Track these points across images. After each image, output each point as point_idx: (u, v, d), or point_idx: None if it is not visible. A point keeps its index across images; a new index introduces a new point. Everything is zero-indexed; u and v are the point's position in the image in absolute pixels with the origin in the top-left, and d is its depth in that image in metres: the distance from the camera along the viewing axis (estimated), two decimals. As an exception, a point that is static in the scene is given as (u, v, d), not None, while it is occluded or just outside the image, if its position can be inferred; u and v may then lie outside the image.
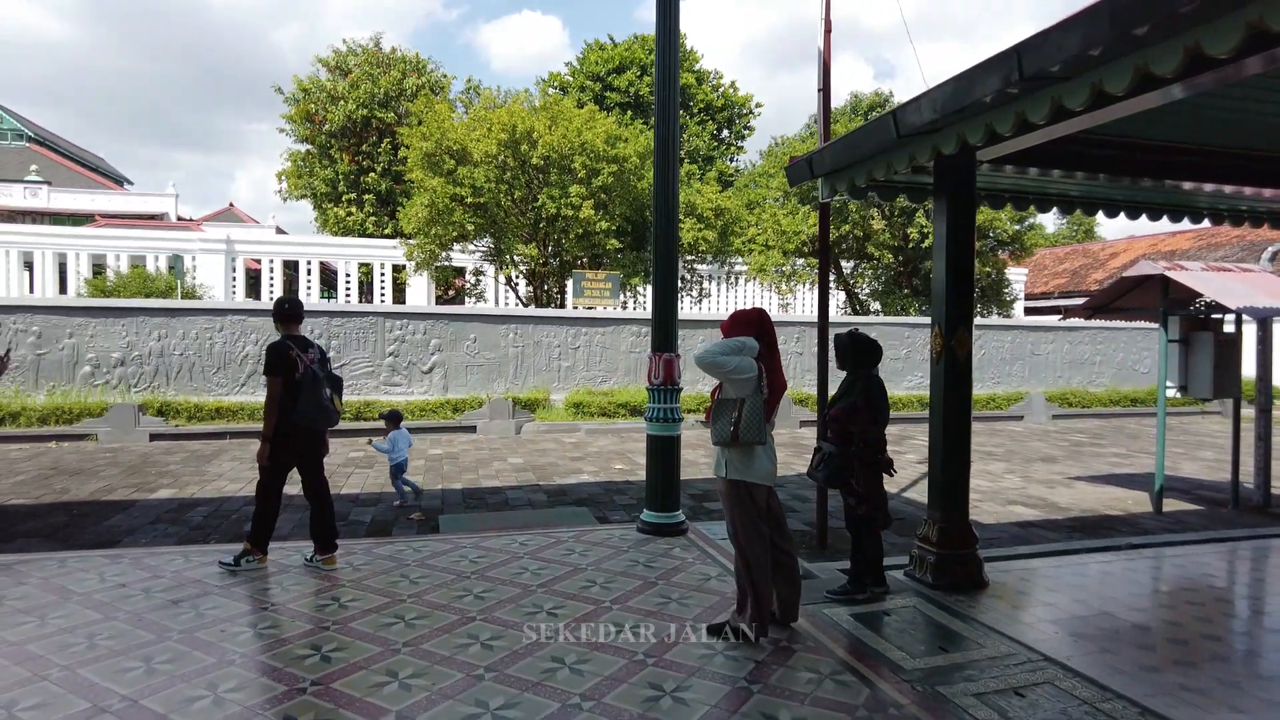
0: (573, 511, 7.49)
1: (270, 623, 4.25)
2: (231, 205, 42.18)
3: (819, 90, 6.50)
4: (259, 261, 24.46)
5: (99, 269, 22.79)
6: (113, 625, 4.19)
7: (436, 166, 16.45)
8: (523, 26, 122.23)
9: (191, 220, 36.86)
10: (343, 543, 5.98)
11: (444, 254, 17.78)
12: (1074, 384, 19.78)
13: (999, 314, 22.47)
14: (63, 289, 23.04)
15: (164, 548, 6.04)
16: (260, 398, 14.01)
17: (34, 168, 38.19)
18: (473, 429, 13.63)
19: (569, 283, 20.89)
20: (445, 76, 27.41)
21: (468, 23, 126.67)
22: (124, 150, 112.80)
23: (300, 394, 5.16)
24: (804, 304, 24.15)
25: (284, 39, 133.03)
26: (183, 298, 18.41)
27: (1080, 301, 25.23)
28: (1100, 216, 26.94)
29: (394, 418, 8.21)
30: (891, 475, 4.75)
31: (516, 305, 20.98)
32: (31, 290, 23.44)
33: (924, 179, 5.61)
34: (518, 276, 18.93)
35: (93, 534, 6.72)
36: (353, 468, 10.14)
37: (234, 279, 22.91)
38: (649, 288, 22.28)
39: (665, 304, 6.25)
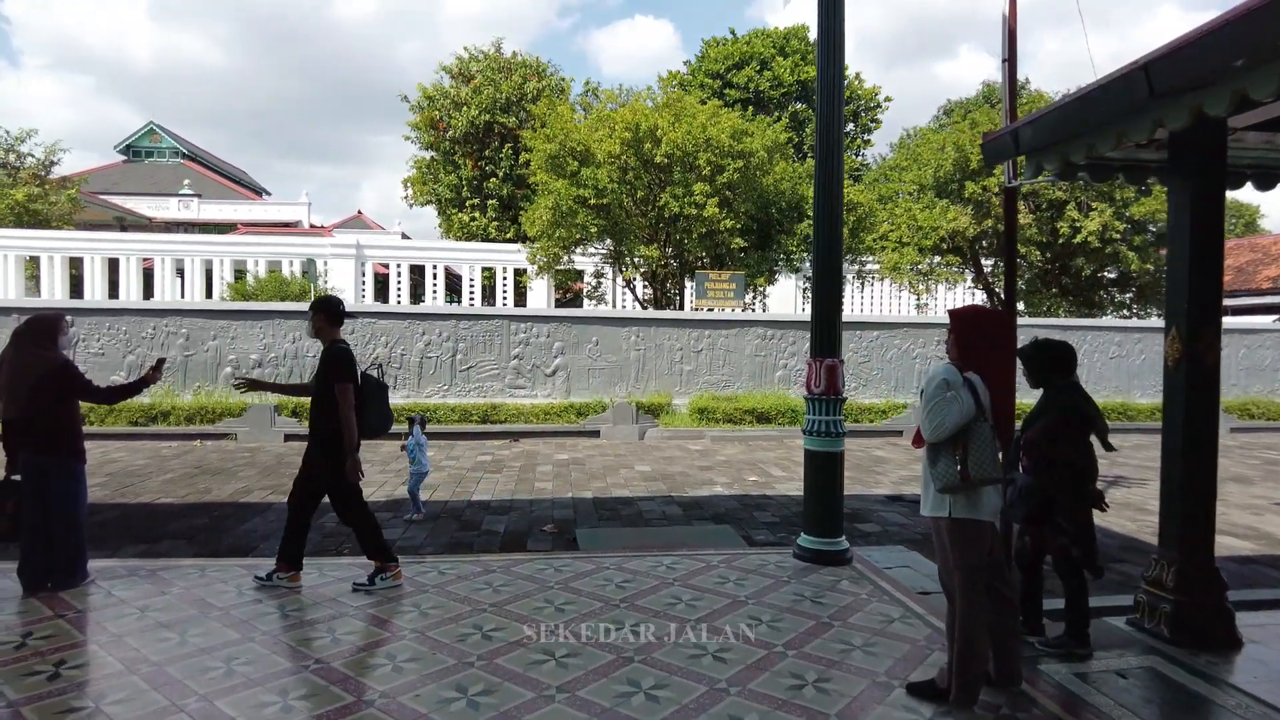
0: (716, 531, 6.93)
1: (410, 655, 3.88)
2: (360, 213, 43.94)
3: (1003, 61, 5.68)
4: (386, 266, 25.16)
5: (240, 274, 23.96)
6: (250, 649, 3.92)
7: (560, 168, 16.27)
8: (634, 31, 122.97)
9: (323, 227, 38.58)
10: (481, 558, 5.64)
11: (566, 257, 17.61)
12: (1253, 393, 17.71)
13: (1158, 314, 20.48)
14: (209, 293, 24.36)
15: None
16: (391, 400, 14.15)
17: (186, 182, 40.95)
18: (596, 434, 13.30)
19: (690, 284, 20.41)
20: (565, 79, 27.49)
21: (580, 30, 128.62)
22: (264, 164, 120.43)
23: (368, 402, 4.78)
24: (942, 305, 22.74)
25: (406, 54, 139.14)
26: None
27: (1254, 300, 22.71)
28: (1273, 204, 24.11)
29: (423, 423, 7.84)
30: (1104, 510, 3.96)
31: (635, 307, 20.65)
32: (182, 295, 24.92)
33: (1146, 156, 4.76)
34: (637, 278, 18.57)
35: (231, 539, 6.66)
36: (481, 472, 9.94)
37: (363, 282, 23.61)
38: (774, 288, 21.53)
39: (827, 302, 5.61)
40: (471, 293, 23.99)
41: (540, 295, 24.03)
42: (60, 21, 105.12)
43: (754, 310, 18.86)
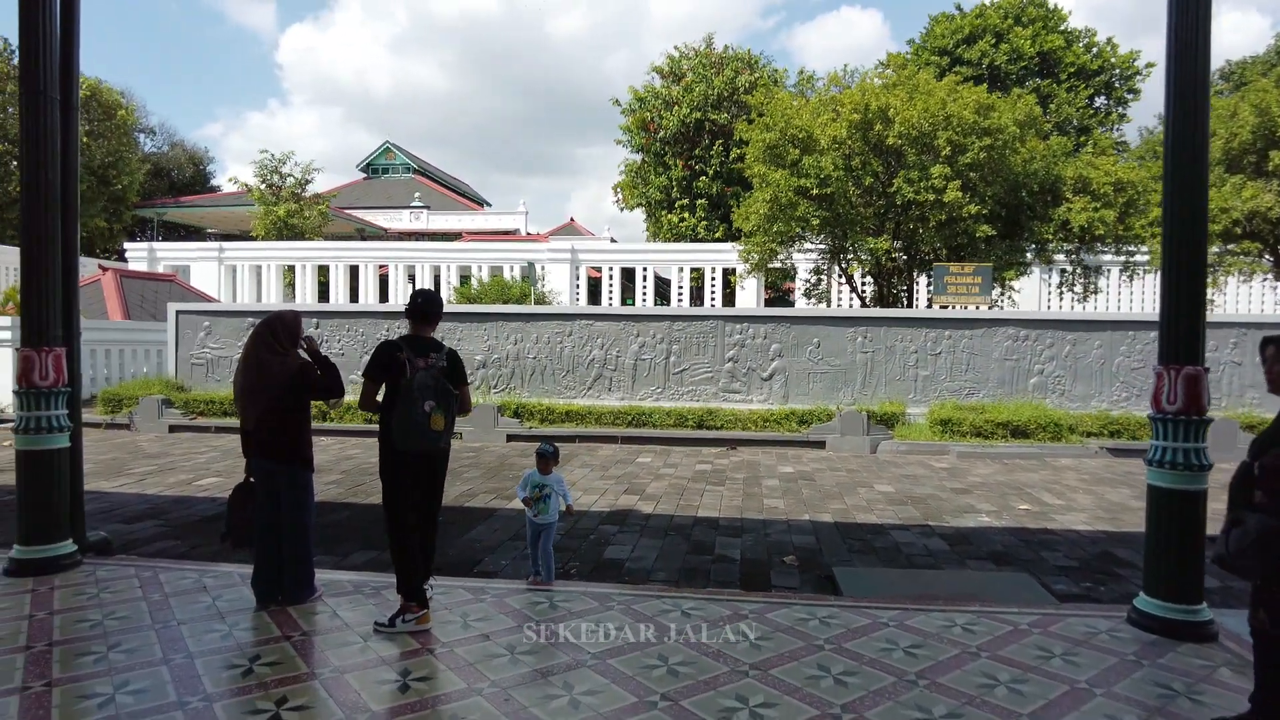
0: (1010, 579, 5.64)
1: (663, 731, 3.10)
2: (571, 220, 45.32)
3: None
4: (598, 270, 25.37)
5: (465, 278, 25.08)
6: (477, 703, 3.32)
7: (779, 158, 15.27)
8: (840, 23, 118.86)
9: (538, 235, 40.09)
10: (728, 597, 4.81)
11: (783, 253, 16.57)
12: None
13: None
14: (437, 297, 25.69)
15: (522, 586, 5.34)
16: (604, 402, 13.87)
17: (417, 195, 44.13)
18: (821, 444, 12.16)
19: (921, 279, 18.62)
20: (778, 70, 26.42)
21: (784, 28, 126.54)
22: (484, 178, 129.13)
23: (395, 405, 4.12)
24: (1233, 301, 19.26)
25: (613, 65, 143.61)
26: (535, 304, 19.28)
27: None
28: None
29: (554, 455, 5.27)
30: None
31: (854, 305, 19.18)
32: (414, 299, 26.49)
33: None
34: (862, 274, 17.13)
35: (455, 550, 6.31)
36: (703, 483, 9.17)
37: (577, 286, 23.88)
38: (1025, 281, 19.16)
39: (1186, 290, 4.23)
40: (680, 294, 23.56)
41: (749, 296, 23.12)
42: (318, 64, 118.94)
43: (1001, 307, 16.77)
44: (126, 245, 28.15)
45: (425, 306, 4.41)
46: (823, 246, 17.19)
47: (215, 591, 4.67)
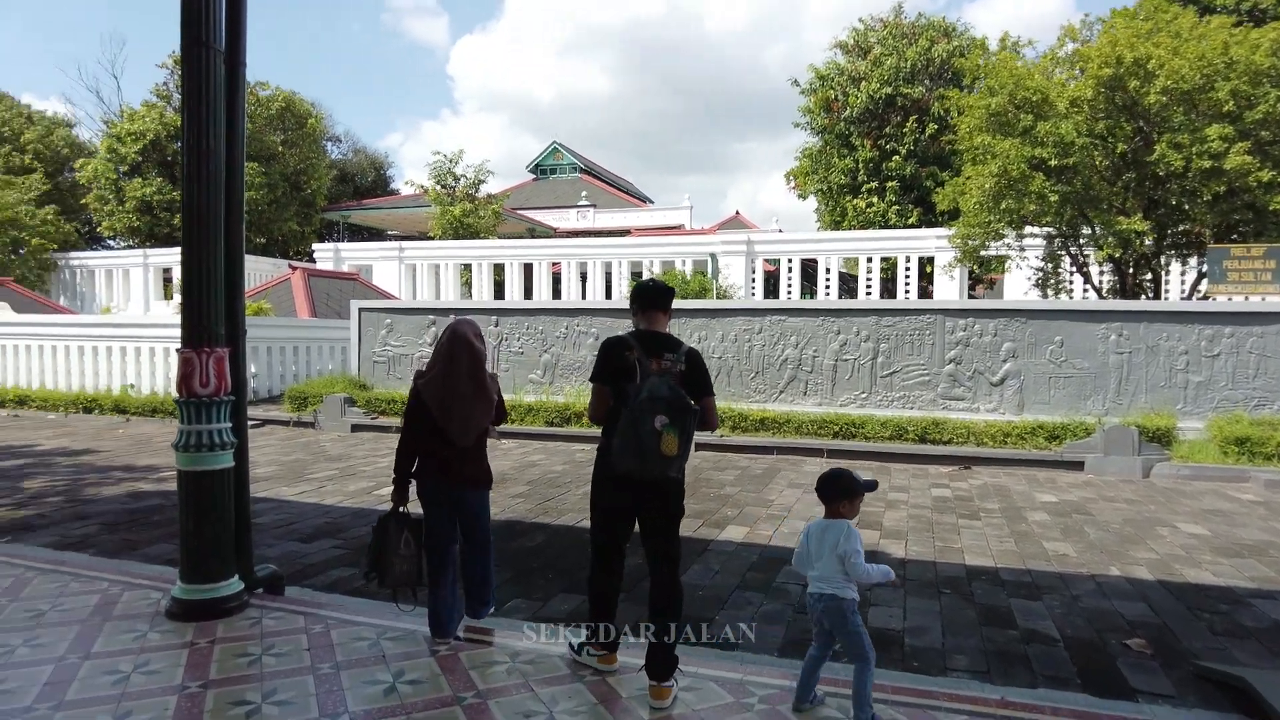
0: None
1: None
2: (737, 213, 43.79)
3: None
4: (772, 264, 23.80)
5: (636, 274, 24.25)
6: None
7: (1006, 126, 13.12)
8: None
9: (703, 229, 38.90)
10: (1094, 711, 3.25)
11: (1008, 236, 14.34)
12: None
13: None
14: (608, 294, 25.04)
15: (772, 661, 4.02)
16: (799, 407, 12.35)
17: (584, 194, 44.16)
18: (1077, 465, 10.06)
19: (1173, 265, 15.76)
20: (978, 38, 23.72)
21: (952, 6, 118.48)
22: (643, 178, 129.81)
23: (619, 419, 3.32)
24: None
25: (771, 58, 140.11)
26: (716, 298, 18.00)
27: None
28: None
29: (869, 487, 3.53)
30: None
31: (1091, 296, 16.52)
32: (583, 296, 26.02)
33: None
34: (1100, 261, 14.57)
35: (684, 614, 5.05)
36: (951, 515, 7.49)
37: (753, 279, 22.41)
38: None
39: None
40: (869, 287, 21.54)
41: (951, 288, 20.72)
42: (486, 73, 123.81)
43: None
44: (315, 246, 29.48)
45: (655, 291, 3.66)
46: (1051, 230, 14.78)
47: (393, 660, 3.64)
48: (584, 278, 25.62)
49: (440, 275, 27.34)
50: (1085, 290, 17.26)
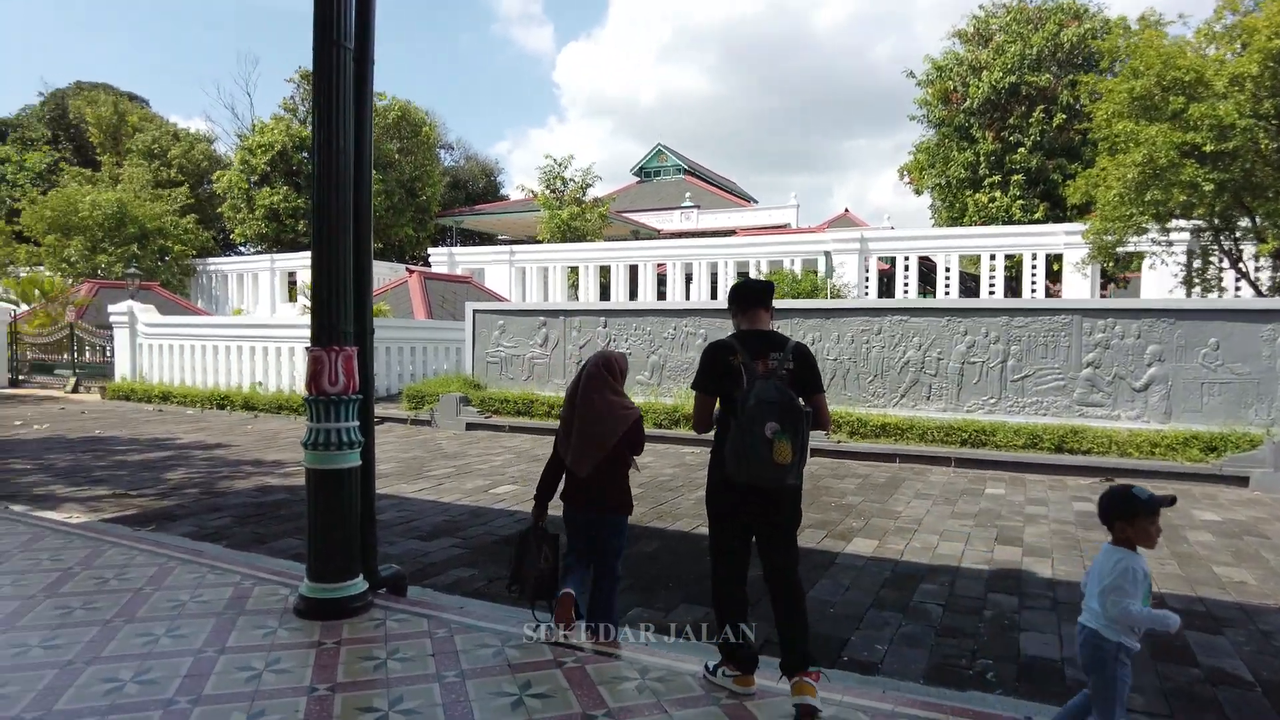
0: None
1: None
2: (846, 211, 42.62)
3: None
4: (887, 262, 22.96)
5: (743, 274, 23.85)
6: None
7: (1153, 110, 12.09)
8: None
9: (810, 228, 38.02)
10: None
11: (1153, 230, 13.24)
12: None
13: None
14: (713, 295, 24.74)
15: (919, 690, 3.68)
16: (923, 413, 11.74)
17: (688, 195, 43.97)
18: (1240, 481, 9.11)
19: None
20: (1113, 19, 22.15)
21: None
22: (745, 178, 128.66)
23: (731, 425, 3.17)
24: None
25: (879, 55, 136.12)
26: (830, 298, 17.45)
27: None
28: None
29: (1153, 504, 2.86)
30: None
31: (1241, 293, 15.11)
32: (687, 297, 25.81)
33: None
34: (1269, 252, 13.23)
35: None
36: (1099, 532, 6.84)
37: (866, 278, 21.65)
38: None
39: None
40: (991, 285, 20.45)
41: (1078, 286, 19.40)
42: (590, 79, 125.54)
43: None
44: (430, 250, 30.43)
45: (755, 289, 3.54)
46: (1200, 223, 13.55)
47: (519, 670, 3.51)
48: (689, 278, 25.41)
49: (548, 277, 27.71)
50: (1238, 287, 15.81)
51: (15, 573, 4.85)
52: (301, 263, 28.97)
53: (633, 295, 26.06)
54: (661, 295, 26.22)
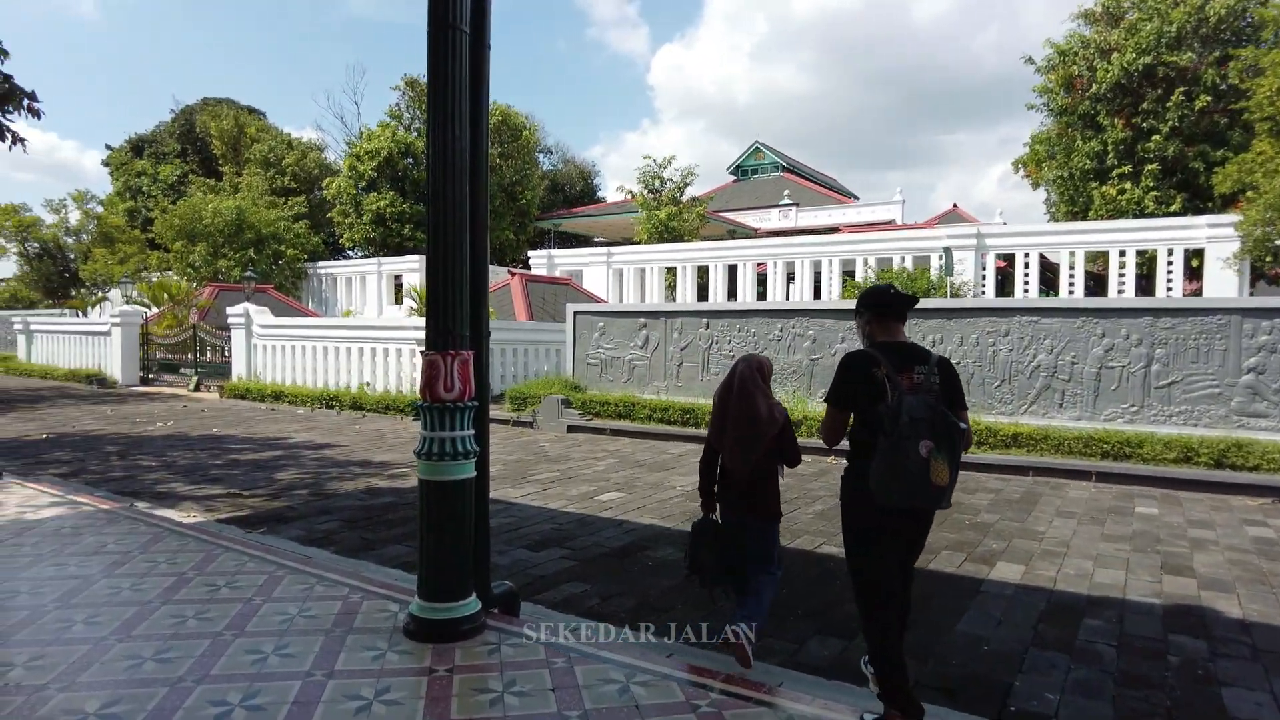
0: None
1: None
2: (955, 206, 40.80)
3: None
4: (1004, 260, 21.67)
5: (848, 273, 23.00)
6: None
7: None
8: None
9: (917, 224, 36.53)
10: None
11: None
12: None
13: None
14: (816, 294, 23.94)
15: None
16: (1054, 421, 10.83)
17: (786, 193, 43.01)
18: None
19: None
20: (1267, -11, 20.22)
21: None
22: (843, 176, 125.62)
23: (877, 443, 2.95)
24: None
25: (982, 45, 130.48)
26: (950, 296, 16.51)
27: None
28: None
29: None
30: None
31: None
32: (787, 297, 25.08)
33: None
34: None
35: (956, 653, 4.21)
36: (1258, 559, 5.98)
37: (983, 276, 20.47)
38: None
39: None
40: (1121, 284, 18.96)
41: (1226, 284, 17.73)
42: (685, 80, 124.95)
43: None
44: (529, 253, 30.69)
45: (898, 299, 3.34)
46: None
47: (648, 713, 3.15)
48: (791, 278, 24.69)
49: (646, 278, 27.48)
50: None
51: (135, 575, 4.83)
52: (407, 266, 29.72)
53: (731, 295, 25.54)
54: (761, 295, 25.58)
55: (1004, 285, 22.05)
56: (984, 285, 20.25)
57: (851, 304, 13.53)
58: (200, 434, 12.34)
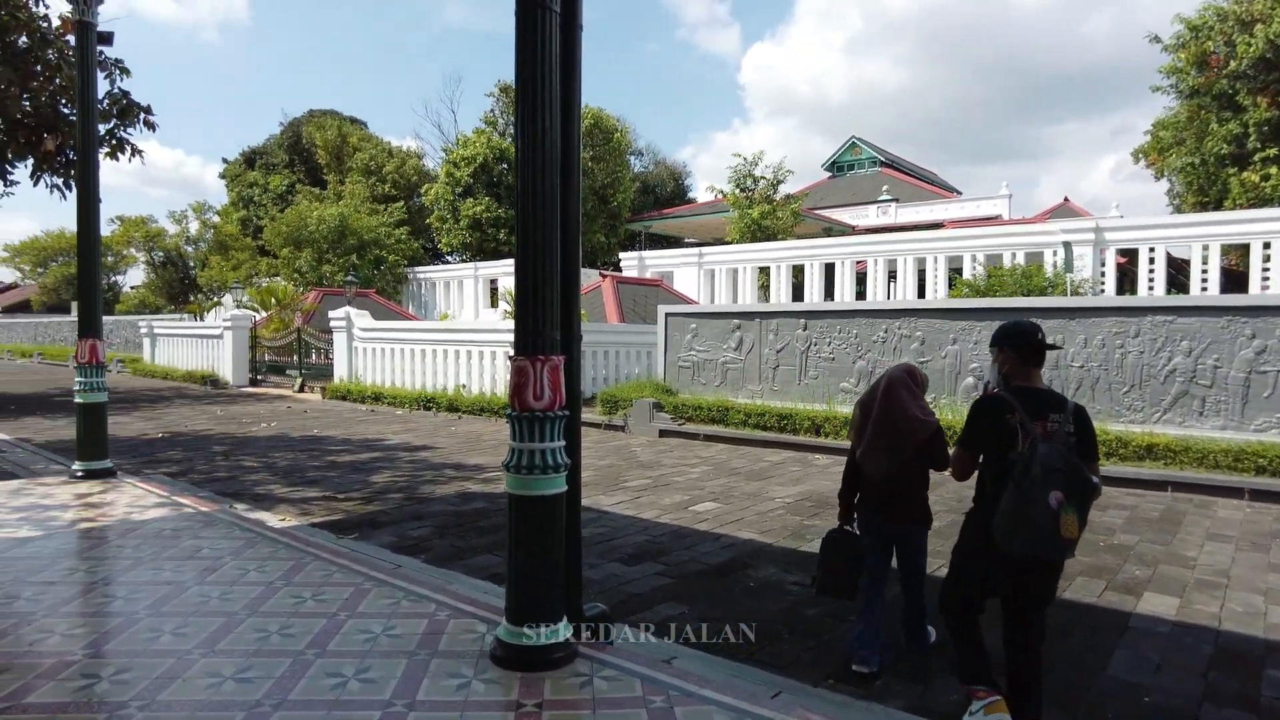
0: None
1: None
2: (1066, 199, 38.57)
3: None
4: (1122, 255, 20.17)
5: (955, 270, 21.92)
6: None
7: None
8: None
9: (1026, 219, 34.68)
10: None
11: None
12: None
13: None
14: (920, 293, 22.92)
15: None
16: (1193, 430, 9.82)
17: (885, 189, 41.61)
18: None
19: None
20: None
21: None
22: (941, 170, 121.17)
23: (1005, 490, 2.90)
24: None
25: (1090, 31, 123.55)
26: (1070, 294, 15.41)
27: None
28: None
29: None
30: None
31: None
32: (889, 296, 24.10)
33: None
34: None
35: (1110, 701, 3.65)
36: None
37: (1102, 273, 19.08)
38: None
39: None
40: (1265, 280, 17.29)
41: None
42: (776, 78, 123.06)
43: None
44: (620, 255, 30.59)
45: (1042, 342, 3.23)
46: None
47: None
48: (892, 276, 23.70)
49: (738, 279, 26.95)
50: None
51: (224, 584, 4.76)
52: (503, 269, 30.09)
53: (828, 295, 24.71)
54: (860, 295, 24.67)
55: (1124, 283, 20.51)
56: (1103, 283, 18.85)
57: (962, 303, 12.76)
58: (301, 435, 12.60)
